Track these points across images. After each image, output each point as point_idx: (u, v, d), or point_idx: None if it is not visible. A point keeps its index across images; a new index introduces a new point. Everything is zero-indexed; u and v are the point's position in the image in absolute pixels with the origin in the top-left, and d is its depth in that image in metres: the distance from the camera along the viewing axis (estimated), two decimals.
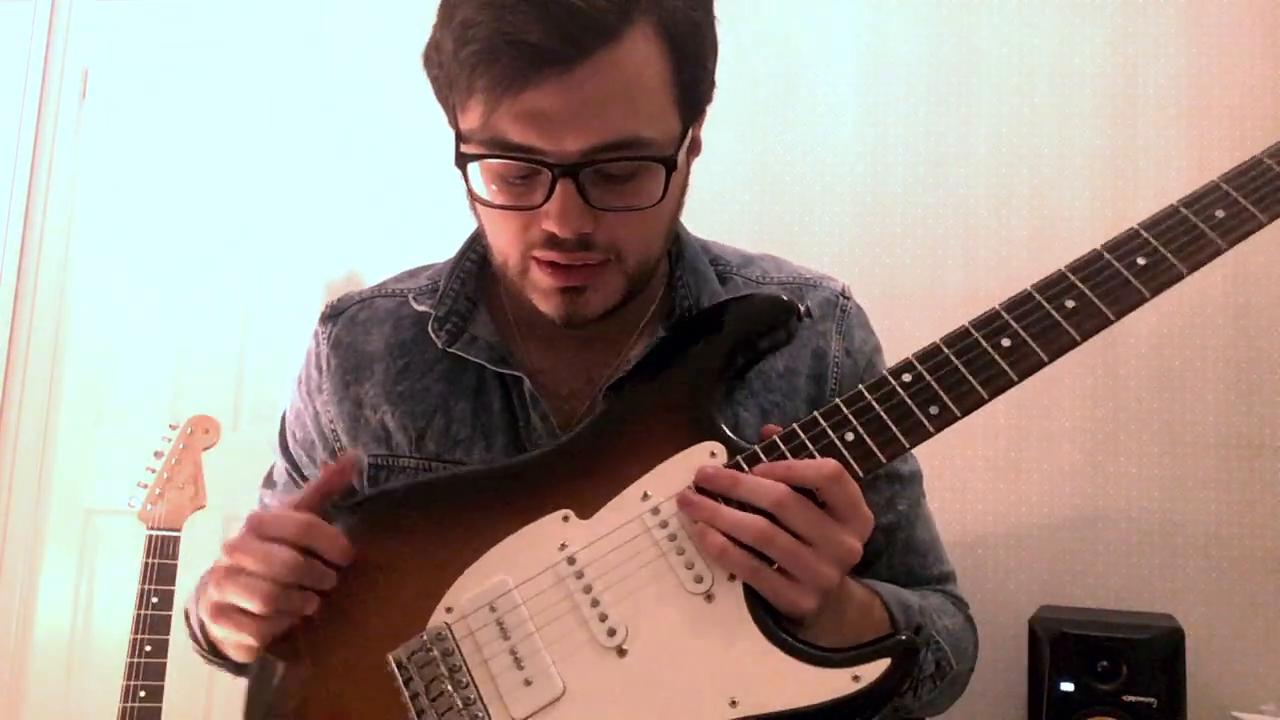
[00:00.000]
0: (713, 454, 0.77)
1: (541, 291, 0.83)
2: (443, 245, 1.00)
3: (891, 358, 0.82)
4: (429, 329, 0.91)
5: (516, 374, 0.89)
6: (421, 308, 0.93)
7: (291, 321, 2.50)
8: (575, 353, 0.91)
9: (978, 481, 2.12)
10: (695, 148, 0.87)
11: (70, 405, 2.64)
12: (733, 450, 0.77)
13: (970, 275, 2.16)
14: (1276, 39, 2.09)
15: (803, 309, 0.83)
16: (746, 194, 2.29)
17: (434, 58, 0.80)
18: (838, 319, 0.95)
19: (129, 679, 1.74)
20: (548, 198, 0.76)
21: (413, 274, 1.01)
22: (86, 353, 2.65)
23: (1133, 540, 2.04)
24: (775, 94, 2.32)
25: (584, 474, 0.79)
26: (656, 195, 0.79)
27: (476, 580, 0.75)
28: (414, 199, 2.45)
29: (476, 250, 0.96)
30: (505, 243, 0.82)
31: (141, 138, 2.68)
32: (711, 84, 0.84)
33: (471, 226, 0.97)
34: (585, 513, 0.76)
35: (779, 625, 0.70)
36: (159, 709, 1.75)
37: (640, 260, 0.83)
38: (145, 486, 1.87)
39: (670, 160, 0.78)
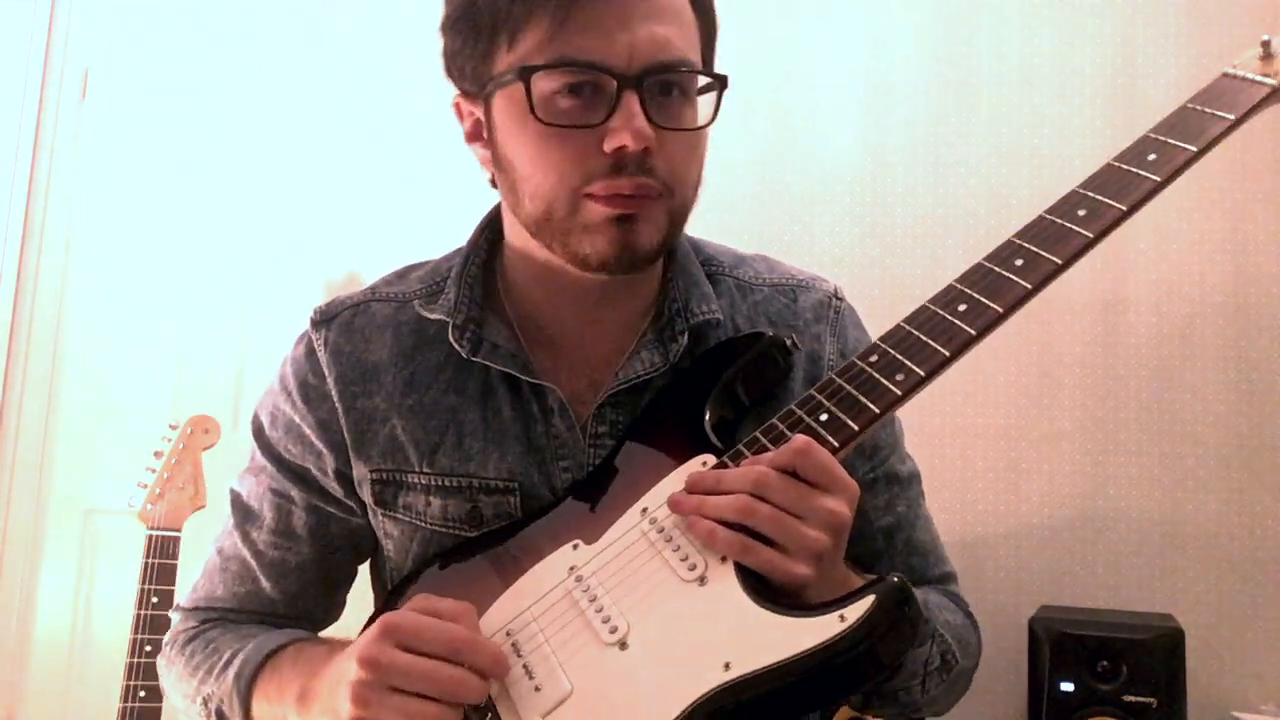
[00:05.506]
0: (704, 464, 0.80)
1: (593, 227, 0.80)
2: (443, 245, 0.99)
3: None
4: (450, 338, 0.88)
5: (545, 384, 0.88)
6: (434, 315, 0.90)
7: (291, 321, 2.49)
8: (577, 356, 0.91)
9: (978, 482, 2.12)
10: None
11: (70, 405, 2.64)
12: (720, 455, 0.80)
13: None
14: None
15: (789, 341, 0.87)
16: (746, 194, 2.29)
17: (468, 8, 0.81)
18: (830, 320, 0.95)
19: (129, 679, 1.74)
20: (611, 113, 0.77)
21: (401, 276, 0.97)
22: (86, 353, 2.65)
23: (1133, 540, 2.04)
24: (775, 94, 2.32)
25: (592, 509, 0.83)
26: (707, 116, 0.84)
27: (496, 615, 0.79)
28: (414, 199, 2.45)
29: (480, 252, 0.94)
30: (558, 179, 0.80)
31: (141, 138, 2.67)
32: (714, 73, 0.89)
33: (472, 227, 0.97)
34: (592, 538, 0.80)
35: (773, 595, 0.71)
36: (159, 709, 1.75)
37: (683, 199, 0.84)
38: (145, 486, 1.87)
39: (724, 79, 0.84)
